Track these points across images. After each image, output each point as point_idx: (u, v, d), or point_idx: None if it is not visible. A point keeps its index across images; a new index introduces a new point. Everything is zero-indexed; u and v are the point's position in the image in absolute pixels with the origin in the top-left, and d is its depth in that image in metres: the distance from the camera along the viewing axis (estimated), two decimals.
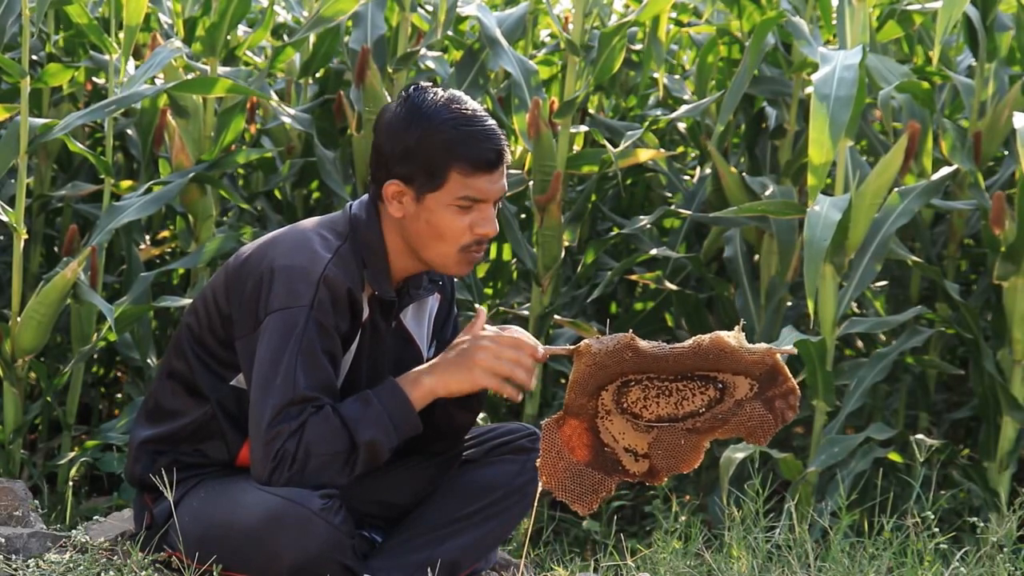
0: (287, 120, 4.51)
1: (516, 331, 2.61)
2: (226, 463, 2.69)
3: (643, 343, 2.40)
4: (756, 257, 4.62)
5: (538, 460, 2.46)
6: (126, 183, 4.36)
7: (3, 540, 2.78)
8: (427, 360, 2.77)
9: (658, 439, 2.45)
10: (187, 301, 3.84)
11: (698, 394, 2.43)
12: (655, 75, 4.84)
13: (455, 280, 2.92)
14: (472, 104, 2.61)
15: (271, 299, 2.54)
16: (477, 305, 2.72)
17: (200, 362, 2.67)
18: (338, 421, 2.53)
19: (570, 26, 4.41)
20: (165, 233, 4.90)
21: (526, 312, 4.44)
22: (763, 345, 2.41)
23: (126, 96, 3.69)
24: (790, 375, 2.43)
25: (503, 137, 2.61)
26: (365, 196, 2.69)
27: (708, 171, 4.73)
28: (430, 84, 2.63)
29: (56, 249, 4.75)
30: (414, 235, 2.61)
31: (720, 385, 2.43)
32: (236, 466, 2.68)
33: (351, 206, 2.69)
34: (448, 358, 2.59)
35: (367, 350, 2.66)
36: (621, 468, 2.47)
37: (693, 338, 2.41)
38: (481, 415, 4.18)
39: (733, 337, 2.40)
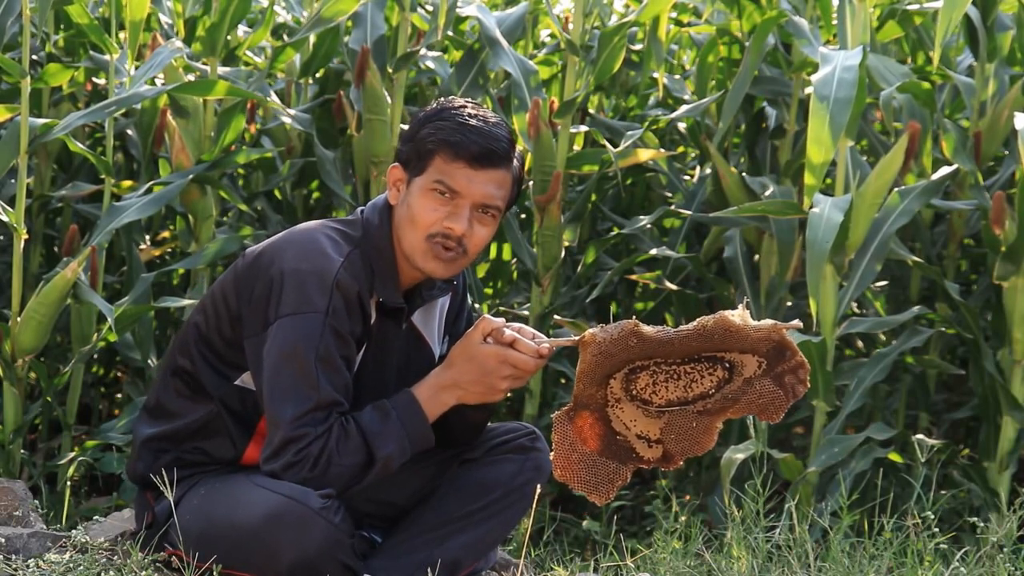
0: (287, 120, 4.51)
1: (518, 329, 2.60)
2: (230, 461, 2.69)
3: (647, 328, 2.38)
4: (756, 257, 4.62)
5: (551, 453, 2.45)
6: (126, 183, 4.36)
7: (3, 540, 2.78)
8: (438, 357, 2.76)
9: (670, 423, 2.44)
10: (187, 302, 3.84)
11: (707, 376, 2.41)
12: (655, 75, 4.84)
13: (465, 274, 2.90)
14: (488, 115, 2.61)
15: (282, 302, 2.54)
16: (477, 306, 2.70)
17: (205, 361, 2.67)
18: (359, 436, 2.54)
19: (570, 26, 4.41)
20: (165, 234, 4.90)
21: (526, 312, 4.44)
22: (768, 321, 2.40)
23: (127, 97, 3.69)
24: (798, 349, 2.42)
25: (503, 144, 2.58)
26: (380, 197, 2.70)
27: (708, 171, 4.73)
28: (476, 102, 2.65)
29: (56, 249, 4.74)
30: (399, 224, 2.62)
31: (728, 365, 2.41)
32: (239, 464, 2.69)
33: (363, 210, 2.69)
34: (466, 375, 2.56)
35: (374, 353, 2.66)
36: (635, 455, 2.46)
37: (697, 320, 2.39)
38: None
39: (738, 315, 2.38)
